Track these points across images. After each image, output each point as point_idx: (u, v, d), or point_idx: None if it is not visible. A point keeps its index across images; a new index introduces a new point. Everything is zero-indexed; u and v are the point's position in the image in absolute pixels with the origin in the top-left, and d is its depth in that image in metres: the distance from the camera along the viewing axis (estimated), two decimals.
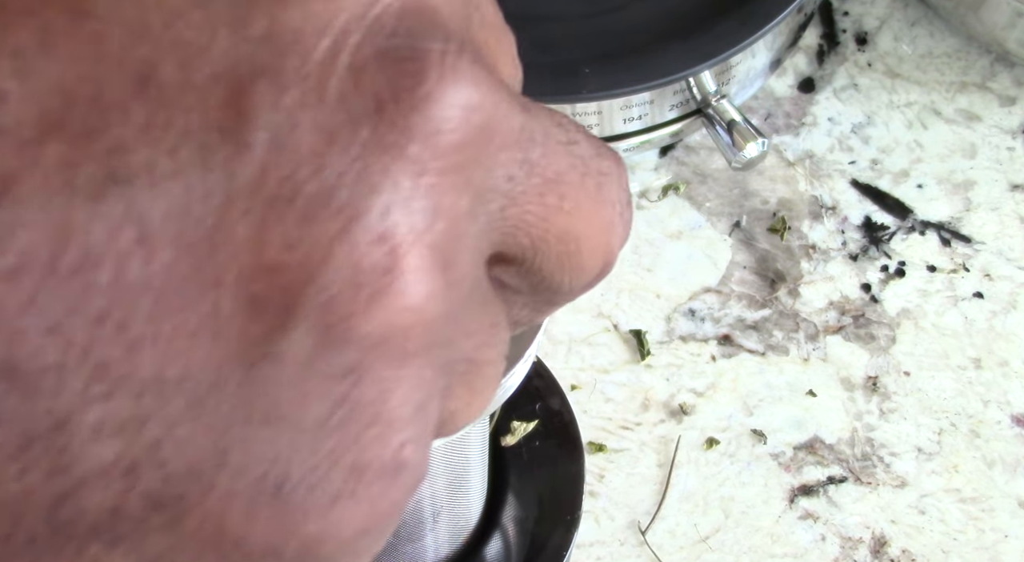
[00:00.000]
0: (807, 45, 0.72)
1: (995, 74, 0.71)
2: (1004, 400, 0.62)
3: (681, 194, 0.67)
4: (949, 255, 0.66)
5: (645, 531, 0.59)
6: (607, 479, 0.60)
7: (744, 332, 0.64)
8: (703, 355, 0.63)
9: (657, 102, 0.64)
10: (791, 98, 0.70)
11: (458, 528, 0.51)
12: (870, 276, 0.65)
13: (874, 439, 0.61)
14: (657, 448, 0.61)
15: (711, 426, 0.62)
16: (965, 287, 0.65)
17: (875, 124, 0.69)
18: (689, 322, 0.64)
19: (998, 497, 0.60)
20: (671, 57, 0.64)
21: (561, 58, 0.64)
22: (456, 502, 0.49)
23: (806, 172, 0.68)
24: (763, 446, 0.61)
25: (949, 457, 0.61)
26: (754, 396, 0.62)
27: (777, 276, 0.65)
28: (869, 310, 0.64)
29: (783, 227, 0.66)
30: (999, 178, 0.68)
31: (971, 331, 0.64)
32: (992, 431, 0.62)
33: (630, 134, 0.65)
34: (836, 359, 0.63)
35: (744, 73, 0.66)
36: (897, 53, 0.72)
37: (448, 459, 0.46)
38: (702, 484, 0.60)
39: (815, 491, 0.60)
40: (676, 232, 0.66)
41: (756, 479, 0.60)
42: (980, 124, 0.70)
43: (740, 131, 0.64)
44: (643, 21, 0.65)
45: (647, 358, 0.63)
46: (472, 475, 0.48)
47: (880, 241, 0.66)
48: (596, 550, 0.59)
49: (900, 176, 0.68)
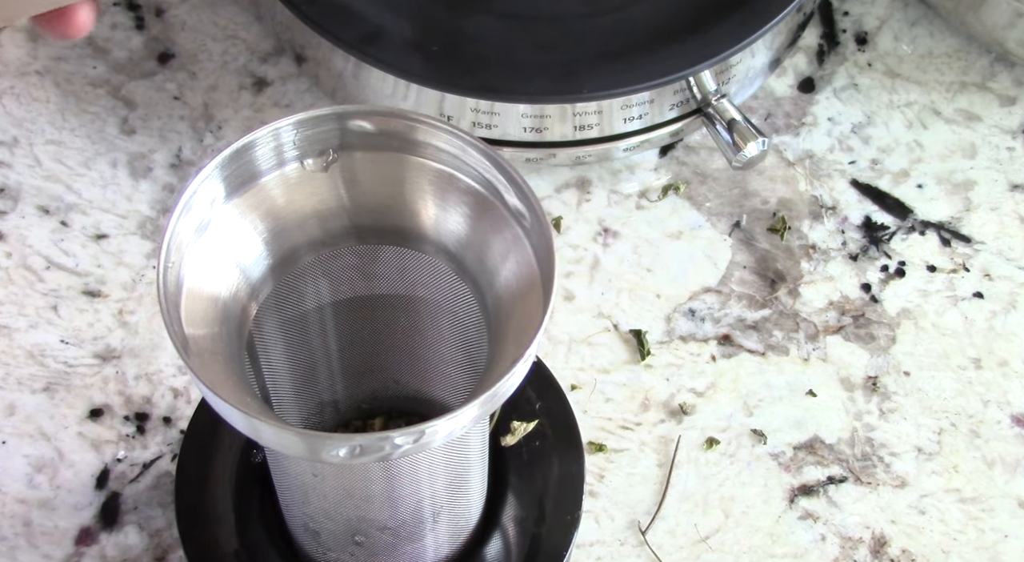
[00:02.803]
0: (807, 45, 0.72)
1: (995, 74, 0.71)
2: (1004, 400, 0.62)
3: (681, 194, 0.67)
4: (949, 255, 0.66)
5: (645, 531, 0.59)
6: (607, 479, 0.60)
7: (744, 332, 0.64)
8: (703, 355, 0.63)
9: (657, 102, 0.64)
10: (791, 98, 0.70)
11: (458, 528, 0.51)
12: (870, 276, 0.65)
13: (874, 439, 0.61)
14: (657, 448, 0.61)
15: (711, 426, 0.61)
16: (965, 287, 0.65)
17: (875, 124, 0.69)
18: (689, 322, 0.64)
19: (998, 497, 0.60)
20: (671, 57, 0.64)
21: (561, 58, 0.64)
22: (456, 502, 0.49)
23: (806, 172, 0.68)
24: (763, 446, 0.61)
25: (949, 457, 0.61)
26: (754, 396, 0.62)
27: (777, 276, 0.65)
28: (869, 310, 0.64)
29: (783, 227, 0.66)
30: (999, 178, 0.68)
31: (971, 331, 0.64)
32: (992, 431, 0.62)
33: (630, 134, 0.65)
34: (836, 359, 0.63)
35: (744, 72, 0.66)
36: (897, 53, 0.72)
37: (448, 459, 0.46)
38: (702, 484, 0.60)
39: (815, 491, 0.60)
40: (676, 232, 0.66)
41: (756, 479, 0.60)
42: (980, 124, 0.70)
43: (740, 130, 0.64)
44: (643, 21, 0.65)
45: (647, 358, 0.63)
46: (472, 475, 0.48)
47: (880, 241, 0.66)
48: (596, 550, 0.59)
49: (900, 176, 0.68)
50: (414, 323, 0.50)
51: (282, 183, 0.44)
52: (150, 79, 0.69)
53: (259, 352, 0.46)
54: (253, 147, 0.43)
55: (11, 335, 0.62)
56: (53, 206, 0.65)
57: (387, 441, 0.38)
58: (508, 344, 0.42)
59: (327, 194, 0.44)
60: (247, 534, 0.53)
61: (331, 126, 0.44)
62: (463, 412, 0.39)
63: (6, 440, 0.60)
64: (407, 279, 0.47)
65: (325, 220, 0.45)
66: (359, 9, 0.64)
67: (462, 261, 0.44)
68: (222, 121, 0.68)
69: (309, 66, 0.68)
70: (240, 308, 0.43)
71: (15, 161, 0.67)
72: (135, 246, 0.65)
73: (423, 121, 0.43)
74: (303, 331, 0.49)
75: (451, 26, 0.65)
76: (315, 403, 0.53)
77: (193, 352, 0.40)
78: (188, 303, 0.41)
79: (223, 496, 0.54)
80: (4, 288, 0.63)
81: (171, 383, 0.61)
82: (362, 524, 0.47)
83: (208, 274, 0.42)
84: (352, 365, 0.52)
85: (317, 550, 0.50)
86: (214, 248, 0.43)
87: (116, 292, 0.63)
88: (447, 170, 0.44)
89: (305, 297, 0.47)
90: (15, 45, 0.70)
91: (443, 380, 0.52)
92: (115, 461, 0.60)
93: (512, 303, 0.43)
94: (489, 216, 0.43)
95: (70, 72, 0.69)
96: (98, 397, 0.61)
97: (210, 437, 0.54)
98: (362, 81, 0.65)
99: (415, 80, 0.63)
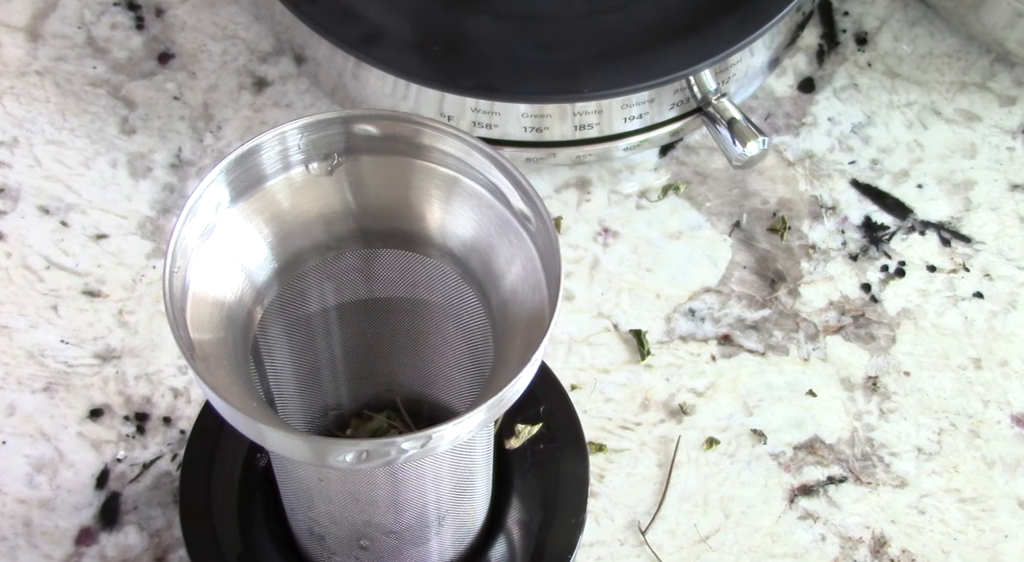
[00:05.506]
0: (807, 45, 0.72)
1: (995, 74, 0.71)
2: (1004, 400, 0.62)
3: (681, 194, 0.67)
4: (949, 255, 0.66)
5: (645, 531, 0.59)
6: (607, 479, 0.60)
7: (744, 332, 0.64)
8: (703, 355, 0.63)
9: (657, 101, 0.64)
10: (791, 98, 0.70)
11: (463, 532, 0.51)
12: (870, 276, 0.65)
13: (874, 439, 0.61)
14: (657, 448, 0.61)
15: (711, 426, 0.62)
16: (965, 287, 0.65)
17: (875, 124, 0.69)
18: (689, 322, 0.64)
19: (998, 497, 0.60)
20: (671, 56, 0.64)
21: (561, 58, 0.64)
22: (461, 506, 0.49)
23: (806, 172, 0.68)
24: (763, 446, 0.61)
25: (949, 457, 0.61)
26: (754, 396, 0.62)
27: (777, 276, 0.65)
28: (869, 310, 0.64)
29: (783, 227, 0.66)
30: (999, 178, 0.68)
31: (971, 331, 0.64)
32: (992, 431, 0.62)
33: (630, 133, 0.65)
34: (836, 359, 0.63)
35: (743, 72, 0.66)
36: (897, 53, 0.72)
37: (454, 464, 0.46)
38: (702, 484, 0.60)
39: (815, 491, 0.60)
40: (676, 232, 0.66)
41: (756, 479, 0.60)
42: (980, 124, 0.70)
43: (741, 129, 0.64)
44: (643, 21, 0.65)
45: (647, 358, 0.63)
46: (477, 479, 0.48)
47: (880, 241, 0.66)
48: (596, 550, 0.59)
49: (900, 176, 0.68)
50: (419, 327, 0.50)
51: (287, 187, 0.44)
52: (150, 79, 0.69)
53: (264, 356, 0.46)
54: (258, 151, 0.43)
55: (11, 335, 0.62)
56: (53, 206, 0.65)
57: (393, 446, 0.38)
58: (514, 348, 0.42)
59: (332, 198, 0.44)
60: (251, 538, 0.53)
61: (336, 130, 0.44)
62: (469, 417, 0.39)
63: (6, 440, 0.60)
64: (412, 283, 0.47)
65: (330, 224, 0.45)
66: (359, 9, 0.64)
67: (467, 264, 0.44)
68: (222, 121, 0.68)
69: (309, 66, 0.68)
70: (245, 312, 0.43)
71: (15, 161, 0.67)
72: (135, 246, 0.64)
73: (428, 125, 0.43)
74: (308, 335, 0.49)
75: (451, 26, 0.65)
76: (319, 407, 0.53)
77: (199, 357, 0.40)
78: (194, 308, 0.41)
79: (227, 500, 0.54)
80: (4, 288, 0.63)
81: (171, 383, 0.61)
82: (367, 528, 0.47)
83: (213, 279, 0.42)
84: (356, 369, 0.52)
85: (322, 554, 0.50)
86: (219, 252, 0.43)
87: (116, 292, 0.63)
88: (452, 174, 0.44)
89: (310, 301, 0.47)
90: (15, 45, 0.70)
91: (448, 384, 0.52)
92: (115, 461, 0.60)
93: (517, 306, 0.43)
94: (494, 220, 0.44)
95: (70, 72, 0.69)
96: (98, 397, 0.61)
97: (214, 440, 0.54)
98: (362, 81, 0.65)
99: (415, 80, 0.63)
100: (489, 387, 0.41)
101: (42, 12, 0.71)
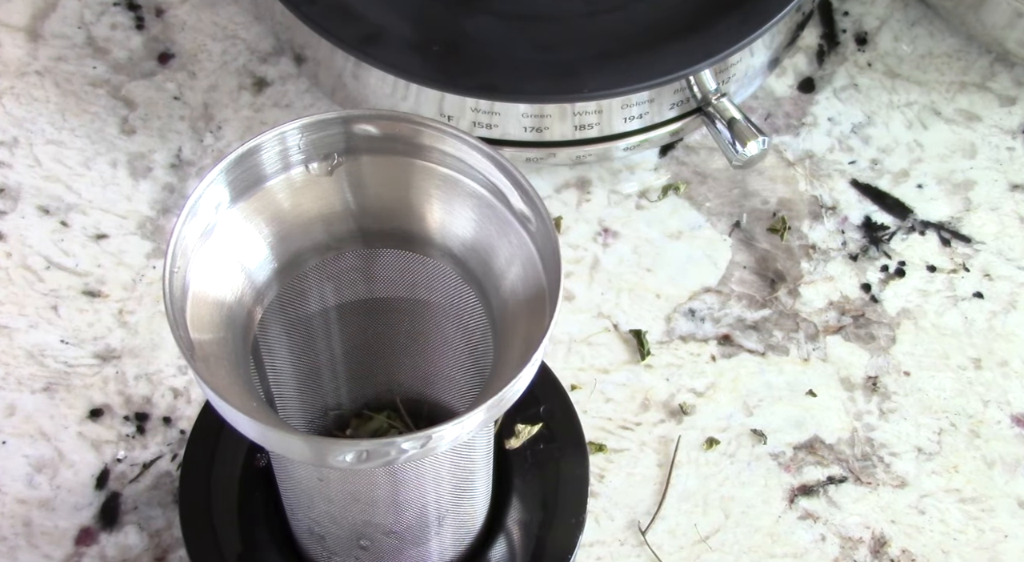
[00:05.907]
0: (807, 45, 0.72)
1: (995, 74, 0.71)
2: (1004, 400, 0.62)
3: (681, 194, 0.67)
4: (949, 255, 0.66)
5: (645, 531, 0.59)
6: (607, 479, 0.60)
7: (744, 332, 0.64)
8: (703, 355, 0.63)
9: (657, 101, 0.64)
10: (791, 98, 0.70)
11: (463, 532, 0.51)
12: (870, 276, 0.65)
13: (874, 439, 0.61)
14: (657, 448, 0.61)
15: (711, 426, 0.62)
16: (965, 287, 0.65)
17: (875, 124, 0.69)
18: (689, 322, 0.64)
19: (998, 497, 0.60)
20: (671, 56, 0.64)
21: (561, 58, 0.64)
22: (461, 506, 0.49)
23: (806, 172, 0.68)
24: (763, 446, 0.61)
25: (949, 457, 0.61)
26: (754, 396, 0.62)
27: (777, 276, 0.65)
28: (869, 310, 0.64)
29: (783, 227, 0.66)
30: (999, 178, 0.68)
31: (971, 331, 0.64)
32: (992, 431, 0.62)
33: (630, 133, 0.65)
34: (836, 359, 0.63)
35: (743, 72, 0.66)
36: (897, 53, 0.72)
37: (454, 464, 0.46)
38: (702, 484, 0.60)
39: (815, 491, 0.60)
40: (676, 232, 0.66)
41: (756, 479, 0.60)
42: (980, 124, 0.70)
43: (741, 129, 0.64)
44: (643, 21, 0.65)
45: (647, 358, 0.63)
46: (477, 479, 0.48)
47: (880, 241, 0.66)
48: (596, 550, 0.59)
49: (900, 176, 0.68)
50: (419, 327, 0.50)
51: (287, 187, 0.44)
52: (150, 79, 0.69)
53: (264, 356, 0.46)
54: (258, 151, 0.43)
55: (11, 335, 0.62)
56: (53, 206, 0.65)
57: (393, 446, 0.38)
58: (514, 348, 0.42)
59: (332, 198, 0.44)
60: (251, 537, 0.53)
61: (336, 130, 0.44)
62: (469, 417, 0.39)
63: (6, 440, 0.60)
64: (412, 283, 0.47)
65: (330, 224, 0.45)
66: (359, 9, 0.64)
67: (467, 265, 0.44)
68: (222, 121, 0.68)
69: (309, 66, 0.68)
70: (245, 312, 0.43)
71: (15, 161, 0.67)
72: (135, 246, 0.64)
73: (428, 125, 0.43)
74: (308, 335, 0.49)
75: (451, 26, 0.65)
76: (319, 407, 0.53)
77: (199, 357, 0.40)
78: (194, 308, 0.41)
79: (227, 500, 0.53)
80: (4, 288, 0.63)
81: (171, 383, 0.61)
82: (367, 528, 0.47)
83: (213, 279, 0.42)
84: (356, 369, 0.52)
85: (322, 554, 0.50)
86: (219, 252, 0.43)
87: (116, 292, 0.63)
88: (453, 174, 0.44)
89: (310, 301, 0.47)
90: (15, 45, 0.70)
91: (448, 384, 0.52)
92: (115, 461, 0.60)
93: (517, 307, 0.43)
94: (495, 220, 0.43)
95: (70, 72, 0.69)
96: (98, 397, 0.61)
97: (214, 440, 0.54)
98: (362, 81, 0.65)
99: (415, 80, 0.63)
100: (489, 387, 0.41)
101: (42, 12, 0.71)
